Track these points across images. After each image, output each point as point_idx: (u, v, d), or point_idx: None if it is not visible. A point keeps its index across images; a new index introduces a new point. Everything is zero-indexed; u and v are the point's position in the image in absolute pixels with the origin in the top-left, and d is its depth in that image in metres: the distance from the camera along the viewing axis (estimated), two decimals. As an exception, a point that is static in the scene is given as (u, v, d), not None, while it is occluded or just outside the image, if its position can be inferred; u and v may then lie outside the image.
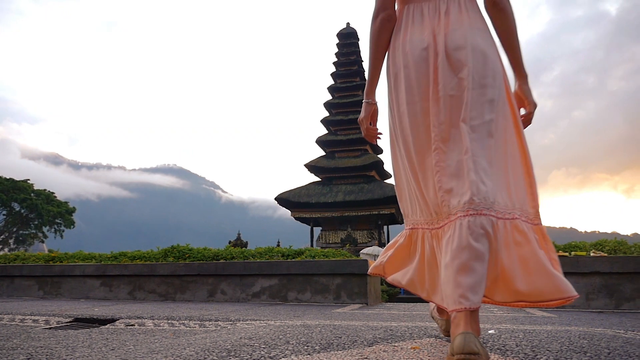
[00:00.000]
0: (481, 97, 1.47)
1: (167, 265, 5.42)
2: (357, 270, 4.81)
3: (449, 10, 1.57)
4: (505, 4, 1.57)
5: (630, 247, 4.58)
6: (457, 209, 1.40)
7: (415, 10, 1.63)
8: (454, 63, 1.51)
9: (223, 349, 1.71)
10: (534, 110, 1.68)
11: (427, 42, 1.56)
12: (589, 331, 2.26)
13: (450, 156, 1.47)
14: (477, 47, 1.50)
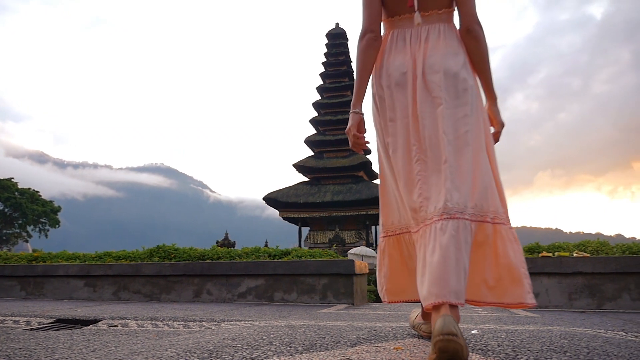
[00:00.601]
0: (456, 114, 1.64)
1: (152, 265, 5.38)
2: (344, 270, 4.82)
3: (429, 37, 1.73)
4: (478, 32, 1.73)
5: (612, 247, 4.65)
6: (433, 214, 1.54)
7: (399, 35, 1.79)
8: (429, 85, 1.67)
9: (205, 350, 1.70)
10: (501, 129, 1.86)
11: (407, 67, 1.71)
12: (570, 331, 2.29)
13: (430, 166, 1.62)
14: (450, 70, 1.67)
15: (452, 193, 1.53)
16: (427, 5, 1.75)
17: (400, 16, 1.79)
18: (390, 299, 1.87)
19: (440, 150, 1.60)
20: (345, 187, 29.80)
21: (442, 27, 1.75)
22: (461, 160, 1.59)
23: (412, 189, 1.65)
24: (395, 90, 1.72)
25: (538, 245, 4.94)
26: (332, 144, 31.98)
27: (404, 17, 1.79)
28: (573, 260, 4.18)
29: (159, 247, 6.03)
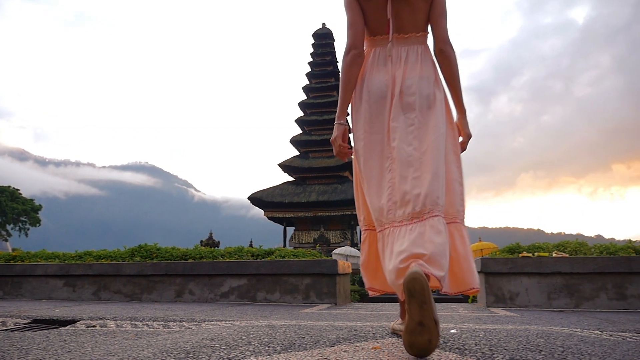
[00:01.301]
0: (427, 130, 1.84)
1: (133, 264, 5.32)
2: (327, 270, 4.82)
3: (408, 58, 1.93)
4: (449, 53, 1.94)
5: (591, 248, 4.73)
6: (402, 217, 1.74)
7: (380, 54, 1.96)
8: (405, 105, 1.87)
9: (182, 350, 1.69)
10: (467, 140, 2.06)
11: (386, 85, 1.90)
12: (547, 330, 2.32)
13: (399, 175, 1.80)
14: (423, 93, 1.87)
15: (419, 198, 1.72)
16: (405, 28, 1.94)
17: (381, 36, 1.97)
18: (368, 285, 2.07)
19: (412, 162, 1.79)
20: (331, 187, 29.82)
21: (419, 49, 1.95)
22: (427, 171, 1.77)
23: (382, 194, 1.83)
24: (374, 106, 1.90)
25: (518, 246, 5.00)
26: (318, 144, 31.97)
27: (385, 37, 1.96)
28: (552, 261, 4.24)
29: (141, 247, 5.97)
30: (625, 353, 1.70)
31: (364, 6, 1.95)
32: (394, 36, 1.94)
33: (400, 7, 1.91)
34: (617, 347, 1.81)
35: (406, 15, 1.92)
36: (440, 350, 1.66)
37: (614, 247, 4.65)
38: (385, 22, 1.93)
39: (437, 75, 1.95)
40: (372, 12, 1.95)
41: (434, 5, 1.93)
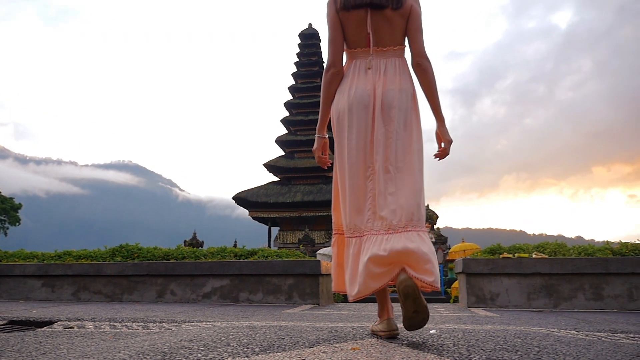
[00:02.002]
0: (404, 145, 1.99)
1: (114, 264, 5.25)
2: (310, 270, 4.82)
3: (387, 70, 2.05)
4: (426, 66, 2.07)
5: (569, 249, 4.80)
6: (379, 227, 1.90)
7: (361, 65, 2.09)
8: (385, 117, 2.00)
9: (159, 351, 1.67)
10: (448, 145, 2.15)
11: (369, 95, 2.01)
12: (525, 330, 2.35)
13: (379, 184, 1.94)
14: (402, 107, 2.01)
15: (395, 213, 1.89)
16: (384, 42, 2.07)
17: (361, 49, 2.09)
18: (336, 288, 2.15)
19: (390, 175, 1.95)
20: (316, 188, 29.82)
21: (397, 61, 2.08)
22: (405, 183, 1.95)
23: (364, 202, 1.96)
24: (356, 115, 2.01)
25: (499, 247, 5.06)
26: (303, 144, 31.95)
27: (365, 50, 2.09)
28: (532, 262, 4.30)
29: (122, 247, 5.89)
30: (599, 353, 1.73)
31: (344, 21, 2.07)
32: (374, 49, 2.06)
33: (379, 22, 2.04)
34: (591, 347, 1.84)
35: (384, 30, 2.06)
36: (418, 351, 1.67)
37: (592, 248, 4.74)
38: (364, 35, 2.06)
39: (414, 87, 2.09)
40: (352, 27, 2.07)
41: (410, 21, 2.07)
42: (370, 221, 1.92)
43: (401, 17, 2.04)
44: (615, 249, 4.64)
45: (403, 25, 2.07)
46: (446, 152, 2.16)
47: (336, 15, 2.08)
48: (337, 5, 2.07)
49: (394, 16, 2.03)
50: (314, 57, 34.27)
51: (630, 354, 1.72)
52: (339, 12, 2.07)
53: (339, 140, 2.08)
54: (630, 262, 4.14)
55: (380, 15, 2.03)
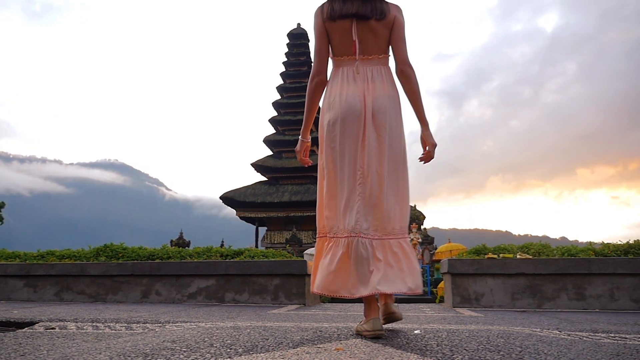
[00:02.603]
0: (392, 153, 2.10)
1: (98, 264, 5.19)
2: (296, 270, 4.81)
3: (374, 77, 2.15)
4: (409, 73, 2.17)
5: (553, 249, 4.85)
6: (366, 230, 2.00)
7: (348, 72, 2.17)
8: (376, 124, 2.09)
9: (141, 353, 1.65)
10: (433, 149, 2.23)
11: (360, 101, 2.10)
12: (508, 330, 2.37)
13: (368, 189, 2.03)
14: (391, 113, 2.12)
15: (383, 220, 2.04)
16: (370, 50, 2.16)
17: (347, 57, 2.18)
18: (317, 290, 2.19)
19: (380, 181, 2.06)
20: (304, 188, 29.81)
21: (383, 69, 2.19)
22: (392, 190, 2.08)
23: (353, 205, 2.03)
24: (349, 120, 2.09)
25: (485, 247, 5.10)
26: (291, 144, 31.91)
27: (351, 58, 2.17)
28: (516, 262, 4.34)
29: (106, 246, 5.83)
30: (579, 352, 1.74)
31: (331, 31, 2.17)
32: (359, 57, 2.16)
33: (364, 32, 2.14)
34: (572, 347, 1.86)
35: (369, 40, 2.15)
36: (402, 351, 1.67)
37: (575, 249, 4.79)
38: (350, 44, 2.15)
39: (399, 94, 2.21)
40: (338, 36, 2.16)
41: (394, 31, 2.17)
42: (360, 223, 2.00)
43: (385, 27, 2.15)
44: (597, 250, 4.70)
45: (387, 35, 2.17)
46: (431, 156, 2.25)
47: (322, 26, 2.17)
48: (324, 15, 2.16)
49: (378, 26, 2.13)
50: (302, 57, 34.26)
51: (610, 354, 1.74)
52: (325, 22, 2.16)
53: (330, 144, 2.13)
54: (612, 263, 4.20)
55: (365, 25, 2.13)
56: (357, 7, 2.11)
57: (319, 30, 2.18)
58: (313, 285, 2.12)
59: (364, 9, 2.11)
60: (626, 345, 1.97)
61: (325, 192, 2.14)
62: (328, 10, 2.15)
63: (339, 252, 2.02)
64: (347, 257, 2.00)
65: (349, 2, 2.13)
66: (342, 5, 2.13)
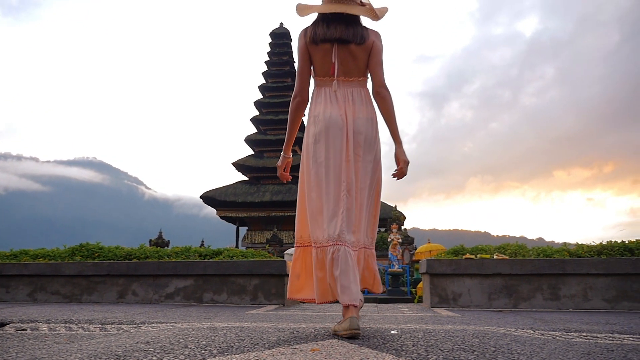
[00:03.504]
0: (369, 172, 2.25)
1: (73, 264, 5.09)
2: (275, 271, 4.79)
3: (355, 99, 2.29)
4: (385, 95, 2.31)
5: (529, 250, 4.93)
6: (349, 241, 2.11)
7: (330, 92, 2.30)
8: (356, 142, 2.24)
9: (113, 354, 1.62)
10: (405, 166, 2.37)
11: (342, 120, 2.24)
12: (483, 330, 2.39)
13: (351, 201, 2.16)
14: (369, 134, 2.26)
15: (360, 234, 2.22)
16: (350, 73, 2.30)
17: (328, 77, 2.31)
18: (293, 296, 2.31)
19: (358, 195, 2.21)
20: (285, 188, 29.75)
21: (362, 92, 2.33)
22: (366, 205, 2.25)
23: (337, 215, 2.13)
24: (332, 137, 2.21)
25: (462, 248, 5.15)
26: (273, 144, 31.83)
27: (331, 79, 2.30)
28: (493, 262, 4.40)
29: (82, 246, 5.72)
30: (552, 351, 1.77)
31: (313, 53, 2.30)
32: (339, 79, 2.30)
33: (345, 56, 2.28)
34: (545, 346, 1.89)
35: (349, 63, 2.29)
36: (377, 352, 1.67)
37: (550, 249, 4.88)
38: (330, 65, 2.28)
39: (376, 116, 2.35)
40: (320, 58, 2.30)
41: (372, 55, 2.31)
42: (344, 234, 2.11)
43: (364, 52, 2.29)
44: (572, 251, 4.80)
45: (365, 59, 2.31)
46: (403, 172, 2.39)
47: (305, 48, 2.30)
48: (307, 39, 2.28)
49: (357, 50, 2.27)
50: (284, 56, 34.19)
51: (581, 353, 1.77)
52: (308, 45, 2.28)
53: (315, 156, 2.25)
54: (585, 263, 4.29)
55: (345, 49, 2.26)
56: (340, 32, 2.24)
57: (302, 52, 2.31)
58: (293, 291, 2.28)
59: (346, 33, 2.25)
60: (597, 344, 2.01)
61: (308, 203, 2.24)
62: (311, 34, 2.27)
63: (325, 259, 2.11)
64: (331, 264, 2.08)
65: (333, 27, 2.25)
66: (325, 30, 2.25)
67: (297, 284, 2.29)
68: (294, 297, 2.31)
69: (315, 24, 2.31)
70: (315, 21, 2.34)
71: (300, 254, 2.31)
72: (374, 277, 2.36)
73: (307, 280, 2.28)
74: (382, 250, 19.65)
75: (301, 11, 2.35)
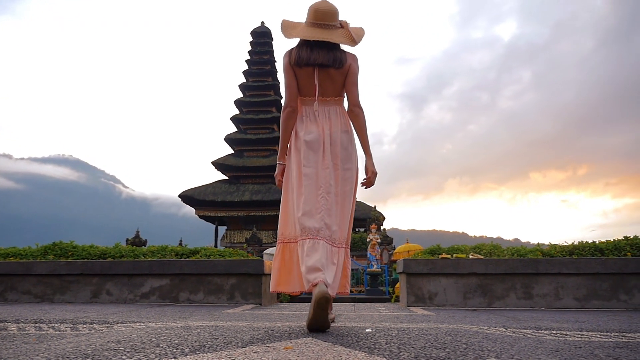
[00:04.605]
0: (345, 176, 2.52)
1: (45, 263, 4.99)
2: (253, 270, 4.77)
3: (331, 115, 2.57)
4: (359, 113, 2.58)
5: (504, 250, 5.01)
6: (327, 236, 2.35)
7: (309, 110, 2.58)
8: (334, 153, 2.51)
9: (82, 354, 1.59)
10: (373, 177, 2.60)
11: (320, 134, 2.51)
12: (457, 328, 2.43)
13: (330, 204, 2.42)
14: (343, 144, 2.54)
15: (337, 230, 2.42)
16: (328, 93, 2.57)
17: (310, 97, 2.58)
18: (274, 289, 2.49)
19: (337, 198, 2.47)
20: (265, 187, 29.64)
21: (338, 109, 2.61)
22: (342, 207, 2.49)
23: (316, 214, 2.38)
24: (310, 149, 2.48)
25: (439, 247, 5.21)
26: (253, 143, 31.67)
27: (312, 99, 2.58)
28: (469, 262, 4.46)
29: (55, 244, 5.60)
30: (521, 349, 1.80)
31: (297, 74, 2.54)
32: (319, 99, 2.56)
33: (324, 78, 2.53)
34: (515, 344, 1.93)
35: (328, 85, 2.55)
36: (350, 350, 1.68)
37: (524, 249, 4.97)
38: (312, 87, 2.54)
39: (351, 128, 2.61)
40: (303, 79, 2.55)
41: (348, 77, 2.56)
42: (323, 231, 2.35)
43: (341, 75, 2.54)
44: (545, 251, 4.89)
45: (342, 81, 2.57)
46: (371, 182, 2.63)
47: (290, 68, 2.54)
48: (291, 61, 2.52)
49: (335, 74, 2.52)
50: (265, 55, 34.03)
51: (549, 350, 1.81)
52: (293, 66, 2.53)
53: (296, 166, 2.52)
54: (557, 263, 4.38)
55: (325, 73, 2.52)
56: (321, 58, 2.49)
57: (287, 70, 2.55)
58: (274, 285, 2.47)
59: (327, 59, 2.49)
60: (566, 342, 2.05)
61: (290, 204, 2.51)
62: (295, 57, 2.51)
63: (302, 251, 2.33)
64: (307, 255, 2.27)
65: (315, 52, 2.49)
66: (309, 54, 2.49)
67: (277, 278, 2.47)
68: (274, 290, 2.49)
69: (299, 47, 2.54)
70: (299, 44, 2.56)
71: (280, 249, 2.50)
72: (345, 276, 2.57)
73: (286, 274, 2.47)
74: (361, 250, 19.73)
75: (287, 32, 2.57)
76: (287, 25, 2.59)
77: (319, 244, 2.29)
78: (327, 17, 2.51)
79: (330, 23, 2.53)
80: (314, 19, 2.52)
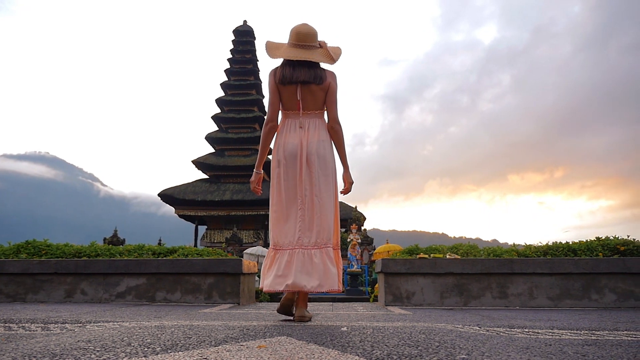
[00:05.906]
0: (324, 183, 2.77)
1: (17, 262, 4.87)
2: (231, 269, 4.74)
3: (310, 128, 2.84)
4: (337, 128, 2.88)
5: (480, 250, 5.08)
6: (307, 244, 2.70)
7: (291, 123, 2.87)
8: (309, 163, 2.77)
9: (50, 353, 1.56)
10: (350, 186, 2.94)
11: (297, 147, 2.78)
12: (431, 326, 2.45)
13: (306, 213, 2.72)
14: (320, 154, 2.80)
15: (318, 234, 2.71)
16: (309, 107, 2.84)
17: (293, 111, 2.87)
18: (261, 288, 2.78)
19: (313, 204, 2.74)
20: (246, 187, 29.48)
21: (318, 121, 2.88)
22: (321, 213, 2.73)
23: (295, 224, 2.71)
24: (289, 161, 2.78)
25: (417, 247, 5.25)
26: (234, 142, 31.48)
27: (295, 112, 2.86)
28: (446, 262, 4.51)
29: (28, 243, 5.48)
30: (493, 346, 1.83)
31: (282, 91, 2.81)
32: (302, 112, 2.83)
33: (306, 94, 2.81)
34: (487, 341, 1.95)
35: (309, 99, 2.82)
36: (324, 348, 1.68)
37: (500, 250, 5.04)
38: (295, 102, 2.82)
39: (329, 138, 2.88)
40: (287, 95, 2.83)
41: (328, 94, 2.84)
42: (301, 239, 2.68)
43: (322, 91, 2.82)
44: (520, 251, 4.97)
45: (323, 96, 2.84)
46: (349, 190, 2.94)
47: (275, 86, 2.80)
48: (276, 80, 2.79)
49: (316, 89, 2.80)
50: (247, 54, 33.87)
51: (520, 347, 1.84)
52: (277, 84, 2.79)
53: (277, 180, 2.81)
54: (532, 263, 4.45)
55: (307, 89, 2.79)
56: (304, 75, 2.76)
57: (272, 89, 2.81)
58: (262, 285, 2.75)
59: (309, 76, 2.76)
60: (537, 339, 2.09)
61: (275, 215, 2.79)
62: (280, 76, 2.78)
63: (284, 260, 2.67)
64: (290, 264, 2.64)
65: (298, 70, 2.76)
66: (292, 72, 2.76)
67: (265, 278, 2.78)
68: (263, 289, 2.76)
69: (283, 67, 2.81)
70: (282, 63, 2.84)
71: (271, 254, 2.80)
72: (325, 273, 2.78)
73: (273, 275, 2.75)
74: (342, 251, 19.76)
75: (271, 52, 2.83)
76: (271, 46, 2.86)
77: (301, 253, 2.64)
78: (308, 38, 2.78)
79: (310, 44, 2.78)
80: (295, 40, 2.78)
